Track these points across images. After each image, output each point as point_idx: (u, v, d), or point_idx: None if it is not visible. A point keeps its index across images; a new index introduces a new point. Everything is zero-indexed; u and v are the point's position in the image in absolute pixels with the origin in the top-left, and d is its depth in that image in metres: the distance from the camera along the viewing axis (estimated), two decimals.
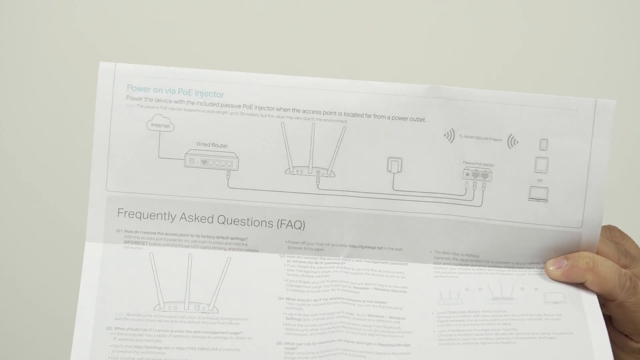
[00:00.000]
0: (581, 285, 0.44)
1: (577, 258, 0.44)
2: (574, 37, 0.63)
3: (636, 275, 0.44)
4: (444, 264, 0.45)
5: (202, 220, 0.45)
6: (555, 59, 0.62)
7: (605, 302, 0.45)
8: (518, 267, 0.45)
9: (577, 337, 0.44)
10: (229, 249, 0.45)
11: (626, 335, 0.45)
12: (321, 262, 0.45)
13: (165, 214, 0.45)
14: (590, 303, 0.44)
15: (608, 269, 0.43)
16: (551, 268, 0.44)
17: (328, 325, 0.45)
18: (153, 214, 0.45)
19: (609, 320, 0.46)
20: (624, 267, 0.44)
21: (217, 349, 0.45)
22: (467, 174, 0.45)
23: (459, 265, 0.45)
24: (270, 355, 0.44)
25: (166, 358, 0.44)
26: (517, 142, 0.44)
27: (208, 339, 0.45)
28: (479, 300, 0.45)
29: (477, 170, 0.45)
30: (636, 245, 0.47)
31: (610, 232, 0.47)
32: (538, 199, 0.44)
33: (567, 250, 0.44)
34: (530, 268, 0.45)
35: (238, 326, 0.45)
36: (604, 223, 0.45)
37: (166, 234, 0.45)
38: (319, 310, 0.45)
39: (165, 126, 0.44)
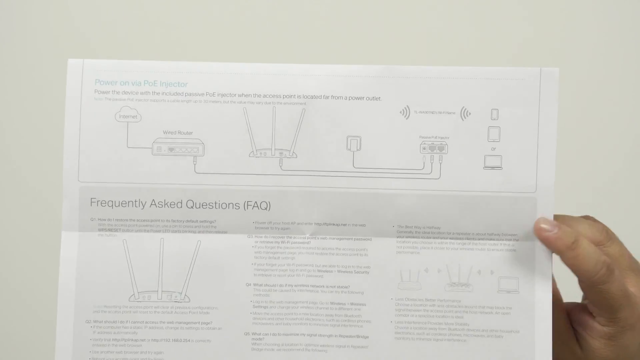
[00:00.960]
0: (538, 271, 0.46)
1: (567, 233, 0.44)
2: (520, 11, 0.65)
3: (610, 254, 0.45)
4: (406, 237, 0.47)
5: (172, 206, 0.47)
6: (501, 33, 0.64)
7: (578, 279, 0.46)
8: (478, 239, 0.46)
9: (522, 337, 0.46)
10: (199, 232, 0.47)
11: (594, 318, 0.46)
12: (288, 242, 0.47)
13: (136, 201, 0.47)
14: (542, 295, 0.46)
15: (587, 255, 0.44)
16: (542, 226, 0.45)
17: (293, 315, 0.47)
18: (124, 202, 0.47)
19: (578, 307, 0.48)
20: (599, 243, 0.45)
21: (189, 341, 0.47)
22: (424, 148, 0.46)
23: (422, 238, 0.47)
24: (238, 347, 0.47)
25: (142, 351, 0.46)
26: (470, 113, 0.46)
27: (181, 330, 0.47)
28: (436, 286, 0.47)
29: (433, 143, 0.46)
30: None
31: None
32: (493, 167, 0.46)
33: (524, 216, 0.46)
34: (490, 240, 0.46)
35: (208, 315, 0.47)
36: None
37: (138, 220, 0.47)
38: (285, 297, 0.47)
39: (133, 117, 0.47)
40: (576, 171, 0.62)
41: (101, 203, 0.47)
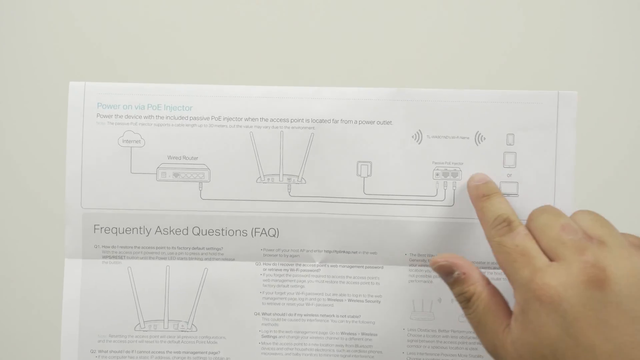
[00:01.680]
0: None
1: (486, 187, 0.43)
2: (536, 33, 0.63)
3: (530, 227, 0.40)
4: (419, 265, 0.45)
5: (178, 233, 0.46)
6: (515, 55, 0.62)
7: None
8: (493, 268, 0.45)
9: None
10: (206, 259, 0.46)
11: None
12: (297, 269, 0.46)
13: (140, 228, 0.45)
14: None
15: (492, 207, 0.42)
16: (472, 175, 0.44)
17: (302, 346, 0.46)
18: (129, 229, 0.45)
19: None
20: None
21: None
22: (437, 174, 0.45)
23: None
24: None
25: None
26: (485, 138, 0.45)
27: None
28: (450, 316, 0.46)
29: (446, 169, 0.45)
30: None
31: None
32: (508, 194, 0.45)
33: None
34: None
35: (216, 345, 0.46)
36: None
37: (143, 248, 0.46)
38: (294, 326, 0.46)
39: (136, 142, 0.45)
40: (596, 198, 0.61)
41: (105, 230, 0.45)
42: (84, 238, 0.45)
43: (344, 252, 0.46)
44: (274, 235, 0.46)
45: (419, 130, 0.45)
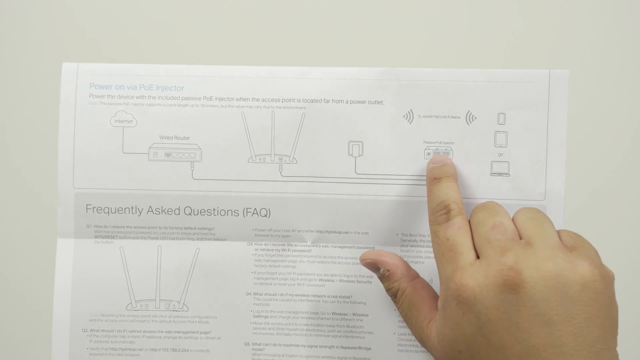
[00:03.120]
0: None
1: (439, 170, 0.43)
2: (529, 12, 0.63)
3: (470, 222, 0.40)
4: (411, 246, 0.45)
5: (169, 212, 0.46)
6: (509, 34, 0.62)
7: None
8: None
9: None
10: (197, 239, 0.46)
11: None
12: (288, 250, 0.46)
13: (132, 207, 0.46)
14: None
15: (438, 192, 0.42)
16: (432, 157, 0.44)
17: (294, 326, 0.46)
18: (121, 209, 0.46)
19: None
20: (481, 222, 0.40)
21: (188, 350, 0.46)
22: (429, 154, 0.45)
23: (426, 247, 0.45)
24: (238, 357, 0.46)
25: None
26: (476, 118, 0.44)
27: (179, 339, 0.46)
28: None
29: (438, 149, 0.45)
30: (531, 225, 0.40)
31: None
32: (500, 174, 0.44)
33: None
34: None
35: (207, 325, 0.46)
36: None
37: (135, 227, 0.46)
38: (285, 307, 0.46)
39: (128, 122, 0.45)
40: (587, 177, 0.60)
41: (97, 209, 0.46)
42: (76, 218, 0.46)
43: (335, 232, 0.46)
44: (265, 215, 0.46)
45: (410, 109, 0.45)
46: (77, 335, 0.46)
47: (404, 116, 0.45)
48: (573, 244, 0.38)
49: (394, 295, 0.42)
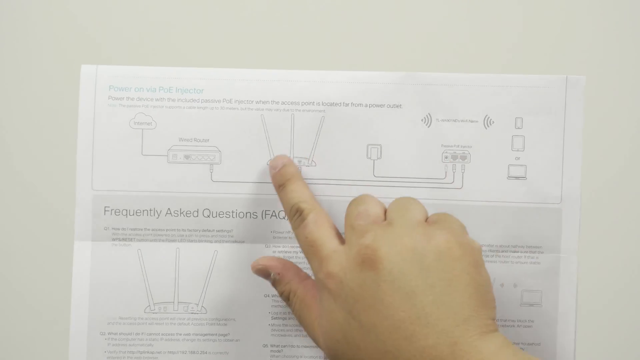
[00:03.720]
0: (562, 285, 0.45)
1: (281, 174, 0.44)
2: (544, 17, 0.64)
3: (345, 214, 0.41)
4: None
5: (188, 215, 0.46)
6: (526, 39, 0.63)
7: None
8: (502, 251, 0.45)
9: (543, 350, 0.45)
10: (216, 242, 0.46)
11: None
12: None
13: (151, 210, 0.46)
14: (565, 309, 0.45)
15: (287, 198, 0.43)
16: (269, 163, 0.45)
17: None
18: (139, 211, 0.46)
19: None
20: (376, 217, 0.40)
21: (206, 352, 0.46)
22: (446, 157, 0.45)
23: None
24: (256, 359, 0.46)
25: None
26: (493, 122, 0.45)
27: (198, 342, 0.46)
28: None
29: (455, 152, 0.45)
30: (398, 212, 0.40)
31: None
32: (517, 177, 0.45)
33: (549, 227, 0.45)
34: (513, 252, 0.45)
35: (226, 327, 0.46)
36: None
37: (153, 230, 0.46)
38: None
39: (148, 124, 0.45)
40: (603, 181, 0.61)
41: (115, 212, 0.45)
42: (94, 220, 0.45)
43: None
44: (283, 218, 0.46)
45: (429, 113, 0.45)
46: (95, 339, 0.45)
47: (422, 120, 0.45)
48: (436, 220, 0.39)
49: (286, 298, 0.43)
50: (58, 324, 0.64)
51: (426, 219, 0.39)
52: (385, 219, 0.40)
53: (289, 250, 0.46)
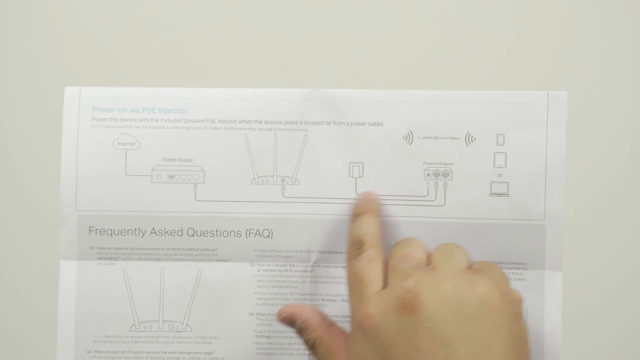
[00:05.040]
0: (547, 302, 0.45)
1: (360, 206, 0.44)
2: (528, 33, 0.63)
3: (389, 256, 0.41)
4: None
5: (172, 234, 0.46)
6: (508, 55, 0.63)
7: None
8: None
9: None
10: (200, 260, 0.46)
11: None
12: (291, 270, 0.46)
13: (135, 229, 0.46)
14: (551, 327, 0.45)
15: (355, 228, 0.43)
16: (360, 194, 0.45)
17: (296, 346, 0.46)
18: (124, 230, 0.46)
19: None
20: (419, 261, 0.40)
21: None
22: (428, 175, 0.45)
23: None
24: None
25: None
26: (475, 139, 0.45)
27: None
28: None
29: (437, 170, 0.45)
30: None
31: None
32: (499, 194, 0.45)
33: (533, 244, 0.45)
34: None
35: (211, 345, 0.46)
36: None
37: (138, 249, 0.46)
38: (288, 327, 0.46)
39: (131, 144, 0.46)
40: (586, 198, 0.61)
41: (100, 231, 0.46)
42: (79, 239, 0.46)
43: (337, 252, 0.46)
44: (268, 236, 0.46)
45: (410, 131, 0.45)
46: (81, 357, 0.46)
47: (403, 137, 0.45)
48: (480, 268, 0.38)
49: (312, 345, 0.42)
50: (45, 341, 0.64)
51: (470, 266, 0.39)
52: (429, 263, 0.39)
53: (273, 269, 0.46)
